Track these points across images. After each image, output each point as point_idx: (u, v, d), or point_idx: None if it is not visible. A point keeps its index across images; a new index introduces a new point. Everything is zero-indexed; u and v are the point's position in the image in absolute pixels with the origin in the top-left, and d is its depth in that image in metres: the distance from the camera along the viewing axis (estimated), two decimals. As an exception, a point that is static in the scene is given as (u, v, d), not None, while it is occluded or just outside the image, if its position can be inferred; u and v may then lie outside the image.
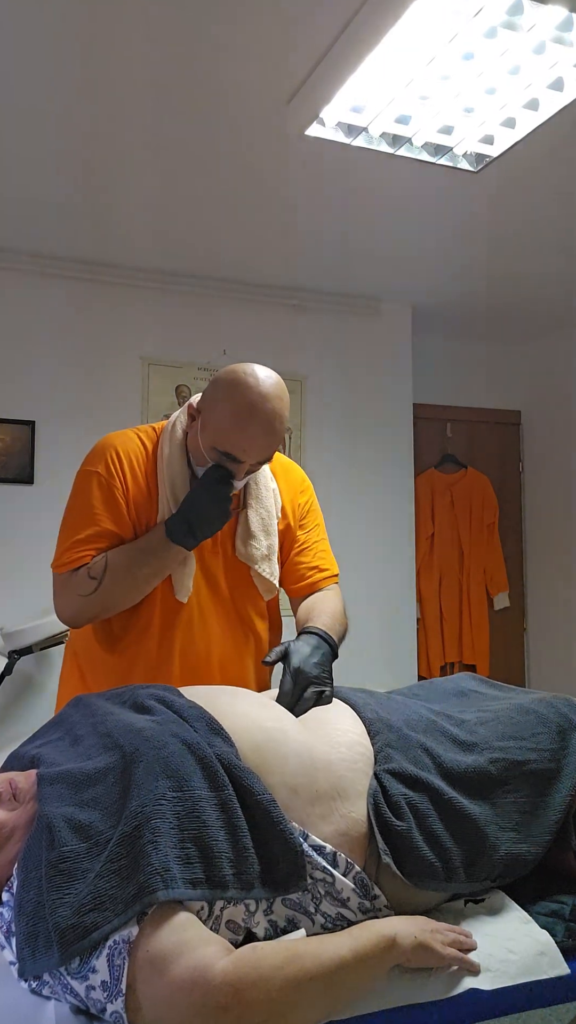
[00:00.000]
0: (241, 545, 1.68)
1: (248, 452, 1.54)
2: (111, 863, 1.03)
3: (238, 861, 1.08)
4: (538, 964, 1.15)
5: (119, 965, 0.98)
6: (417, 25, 1.78)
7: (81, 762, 1.20)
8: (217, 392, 1.57)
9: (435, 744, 1.34)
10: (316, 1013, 1.00)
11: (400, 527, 3.77)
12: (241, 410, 1.52)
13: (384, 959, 1.06)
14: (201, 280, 3.43)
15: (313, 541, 1.80)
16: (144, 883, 1.00)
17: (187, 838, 1.06)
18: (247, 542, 1.68)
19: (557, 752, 1.38)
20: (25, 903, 1.06)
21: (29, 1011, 1.04)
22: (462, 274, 3.45)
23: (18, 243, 3.10)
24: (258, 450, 1.55)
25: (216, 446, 1.55)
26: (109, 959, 0.98)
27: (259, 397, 1.52)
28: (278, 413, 1.54)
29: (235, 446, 1.53)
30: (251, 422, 1.51)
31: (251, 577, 1.70)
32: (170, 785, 1.10)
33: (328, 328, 3.69)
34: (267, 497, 1.73)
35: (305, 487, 1.83)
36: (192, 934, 1.00)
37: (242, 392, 1.53)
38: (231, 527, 1.68)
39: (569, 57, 1.91)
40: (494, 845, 1.26)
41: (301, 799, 1.19)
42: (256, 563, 1.68)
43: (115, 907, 1.00)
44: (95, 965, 0.99)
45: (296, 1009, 0.97)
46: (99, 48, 1.94)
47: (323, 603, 1.71)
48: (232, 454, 1.54)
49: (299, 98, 2.11)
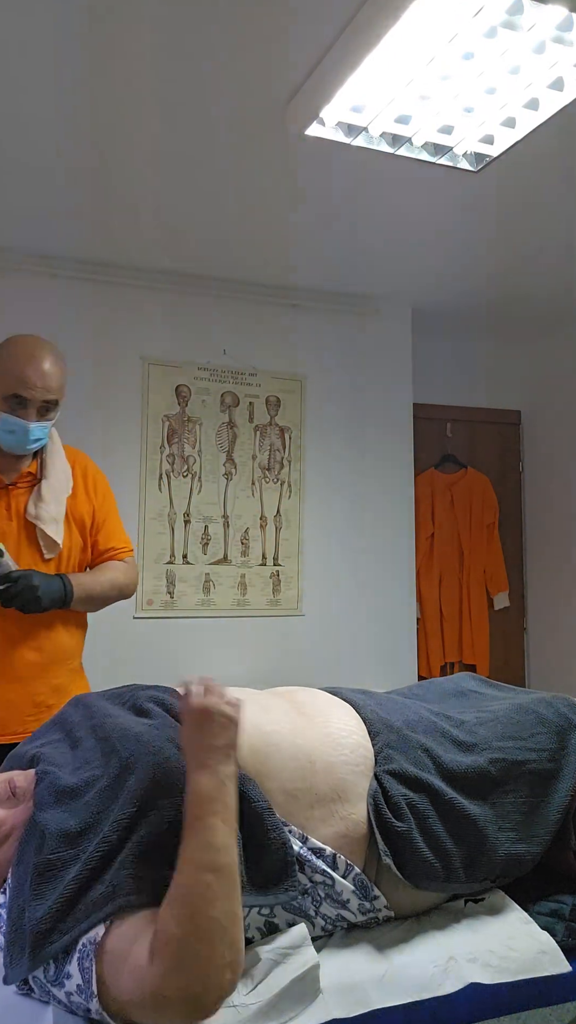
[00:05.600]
0: (32, 508, 1.95)
1: (31, 387, 1.86)
2: (88, 869, 1.03)
3: None
4: (539, 962, 1.15)
5: (88, 967, 0.97)
6: (417, 25, 1.78)
7: (79, 766, 1.20)
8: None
9: (435, 745, 1.34)
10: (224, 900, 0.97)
11: (400, 527, 3.77)
12: (17, 349, 1.90)
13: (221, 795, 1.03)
14: (201, 280, 3.43)
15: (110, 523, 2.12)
16: (118, 885, 1.00)
17: (175, 844, 1.05)
18: (38, 505, 1.96)
19: (556, 752, 1.38)
20: (13, 908, 1.07)
21: (29, 1011, 1.04)
22: (462, 274, 3.45)
23: (18, 243, 3.10)
24: (40, 379, 1.87)
25: (4, 393, 1.87)
26: (80, 962, 0.98)
27: (29, 339, 1.94)
28: (48, 345, 1.93)
29: (20, 383, 1.86)
30: (28, 357, 1.88)
31: (37, 537, 1.96)
32: (163, 794, 1.09)
33: (328, 328, 3.69)
34: (60, 473, 2.03)
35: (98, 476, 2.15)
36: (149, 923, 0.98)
37: (14, 341, 1.94)
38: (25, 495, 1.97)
39: (569, 57, 1.91)
40: (494, 845, 1.26)
41: (300, 803, 1.19)
42: (44, 523, 1.94)
43: (87, 909, 1.00)
44: (69, 970, 0.99)
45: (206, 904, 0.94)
46: (100, 48, 1.94)
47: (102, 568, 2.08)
48: (18, 393, 1.86)
49: (299, 98, 2.11)
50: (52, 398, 1.91)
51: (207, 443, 3.43)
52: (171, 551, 3.34)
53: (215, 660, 3.31)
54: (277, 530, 3.52)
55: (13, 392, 1.86)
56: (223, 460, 3.46)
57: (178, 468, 3.39)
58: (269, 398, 3.56)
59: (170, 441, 3.38)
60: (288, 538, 3.53)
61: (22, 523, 1.95)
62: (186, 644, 3.32)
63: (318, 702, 1.39)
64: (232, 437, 3.48)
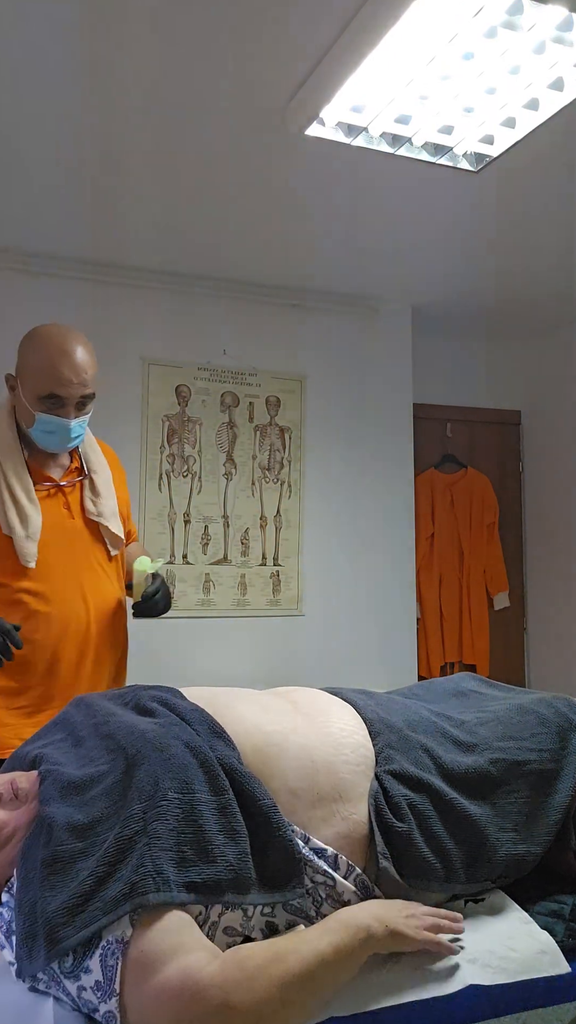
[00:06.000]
0: (91, 505, 1.89)
1: (67, 385, 1.75)
2: (105, 864, 1.03)
3: (236, 865, 1.08)
4: (539, 962, 1.15)
5: (112, 966, 0.97)
6: (417, 25, 1.78)
7: (83, 763, 1.20)
8: (25, 350, 1.81)
9: (436, 745, 1.34)
10: (301, 1009, 0.99)
11: (400, 527, 3.77)
12: (46, 344, 1.77)
13: (361, 949, 1.06)
14: (201, 280, 3.43)
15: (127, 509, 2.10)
16: (137, 884, 1.00)
17: (185, 841, 1.06)
18: (96, 502, 1.90)
19: (557, 752, 1.38)
20: (23, 903, 1.06)
21: (29, 1010, 1.04)
22: (462, 274, 3.45)
23: (18, 243, 3.10)
24: (75, 375, 1.75)
25: (39, 394, 1.76)
26: (103, 959, 0.98)
27: (55, 332, 1.80)
28: (77, 335, 1.80)
29: (55, 382, 1.74)
30: (60, 352, 1.76)
31: (101, 533, 1.91)
32: (171, 788, 1.10)
33: (328, 328, 3.69)
34: (103, 467, 1.98)
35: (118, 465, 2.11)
36: (185, 938, 0.99)
37: (43, 336, 1.80)
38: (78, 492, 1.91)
39: (569, 57, 1.91)
40: (494, 846, 1.26)
41: (302, 802, 1.19)
42: (107, 520, 1.90)
43: (104, 906, 1.00)
44: (89, 965, 0.99)
45: (283, 1007, 0.96)
46: (100, 48, 1.94)
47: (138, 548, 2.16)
48: (55, 393, 1.75)
49: (299, 98, 2.11)
50: (89, 392, 1.81)
51: (207, 443, 3.44)
52: (171, 551, 3.35)
53: (215, 660, 3.31)
54: (277, 530, 3.52)
55: (49, 392, 1.76)
56: (223, 460, 3.46)
57: (178, 468, 3.39)
58: (269, 398, 3.56)
59: (170, 441, 3.38)
60: (288, 538, 3.54)
61: (84, 521, 1.89)
62: (186, 644, 3.32)
63: (319, 702, 1.39)
64: (232, 437, 3.48)
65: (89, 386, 1.80)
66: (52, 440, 1.83)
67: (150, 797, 1.08)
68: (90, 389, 1.80)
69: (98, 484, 1.92)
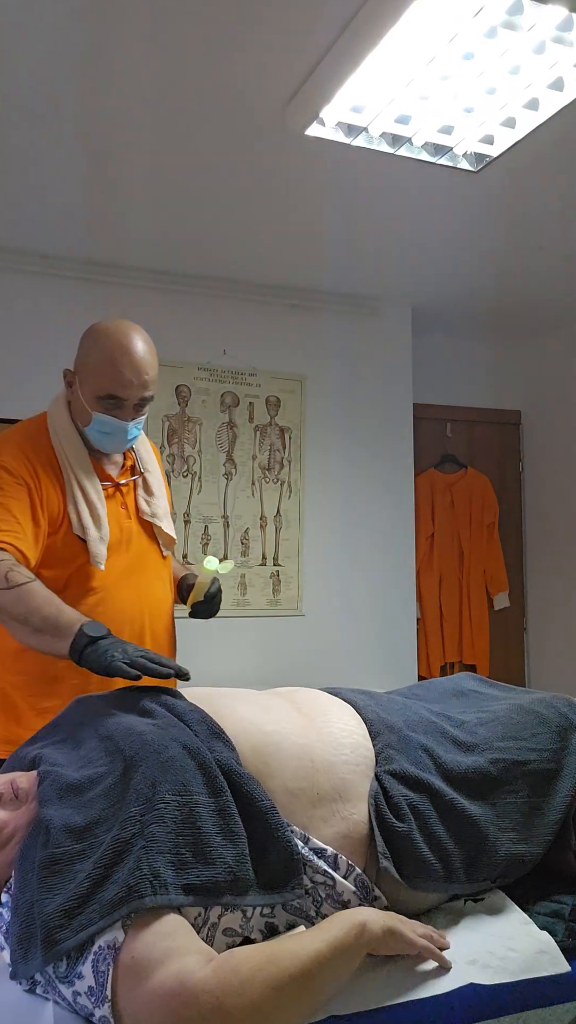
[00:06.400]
0: (145, 506, 1.83)
1: (127, 386, 1.68)
2: (102, 867, 1.02)
3: (234, 867, 1.07)
4: (539, 962, 1.15)
5: (103, 971, 0.96)
6: (417, 25, 1.78)
7: (82, 764, 1.20)
8: (86, 347, 1.74)
9: (436, 745, 1.34)
10: (297, 1011, 0.98)
11: (400, 527, 3.77)
12: (112, 348, 1.68)
13: (357, 944, 1.04)
14: (201, 280, 3.43)
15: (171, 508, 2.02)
16: (133, 887, 0.99)
17: (183, 843, 1.05)
18: (150, 503, 1.84)
19: (557, 752, 1.38)
20: (20, 904, 1.06)
21: (29, 1011, 1.04)
22: (462, 274, 3.45)
23: (19, 243, 3.10)
24: (136, 376, 1.68)
25: (98, 393, 1.69)
26: (94, 965, 0.97)
27: (120, 331, 1.71)
28: (138, 333, 1.72)
29: (115, 383, 1.67)
30: (123, 353, 1.68)
31: (154, 534, 1.85)
32: (169, 790, 1.09)
33: (328, 328, 3.69)
34: (155, 466, 1.92)
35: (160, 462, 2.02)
36: (179, 942, 0.98)
37: (105, 333, 1.71)
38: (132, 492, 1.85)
39: (569, 57, 1.91)
40: (494, 846, 1.26)
41: (302, 802, 1.19)
42: (160, 520, 1.84)
43: (101, 909, 0.99)
44: (81, 971, 0.98)
45: (279, 1010, 0.95)
46: (99, 48, 1.94)
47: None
48: (114, 394, 1.68)
49: (299, 98, 2.11)
50: (149, 394, 1.73)
51: (207, 443, 3.44)
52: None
53: (215, 660, 3.31)
54: (277, 530, 3.52)
55: (108, 393, 1.68)
56: (223, 460, 3.46)
57: (178, 468, 3.39)
58: (269, 398, 3.56)
59: (170, 441, 3.38)
60: (288, 538, 3.54)
61: (140, 521, 1.84)
62: (186, 644, 3.32)
63: (318, 702, 1.39)
64: (232, 437, 3.48)
65: (150, 388, 1.72)
66: (108, 441, 1.76)
67: (148, 799, 1.07)
68: (151, 391, 1.73)
69: (151, 483, 1.86)
